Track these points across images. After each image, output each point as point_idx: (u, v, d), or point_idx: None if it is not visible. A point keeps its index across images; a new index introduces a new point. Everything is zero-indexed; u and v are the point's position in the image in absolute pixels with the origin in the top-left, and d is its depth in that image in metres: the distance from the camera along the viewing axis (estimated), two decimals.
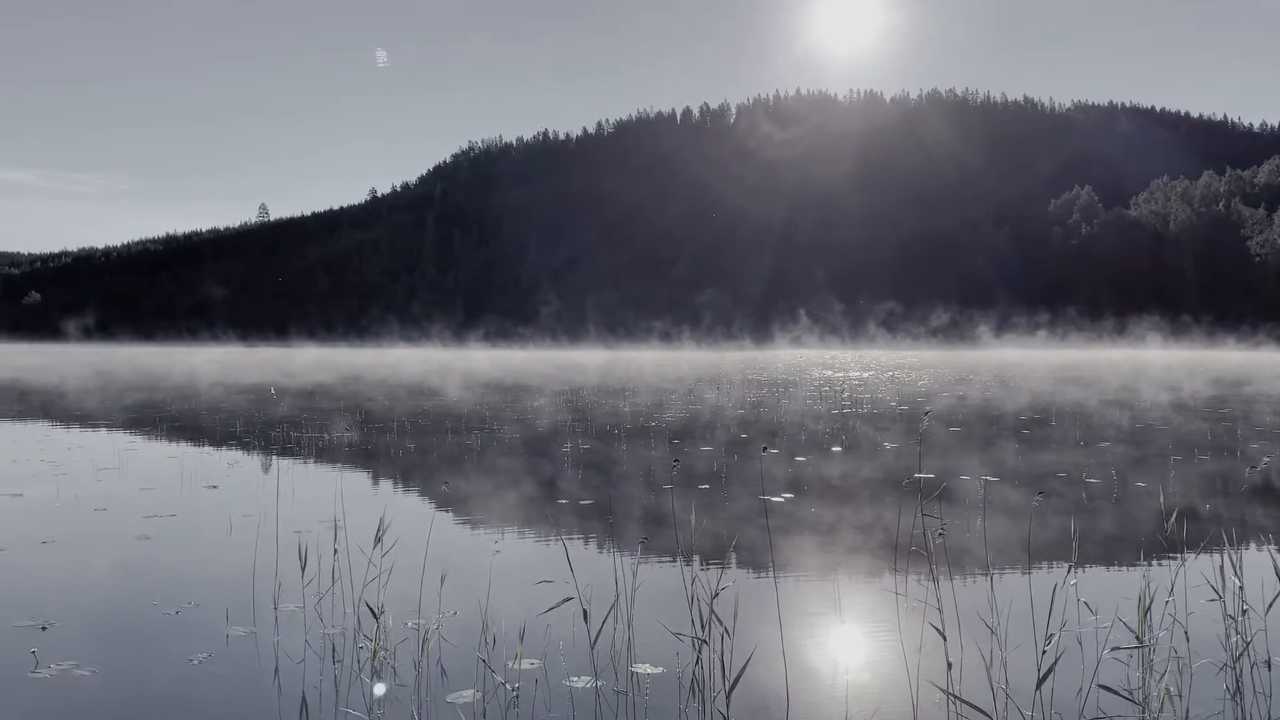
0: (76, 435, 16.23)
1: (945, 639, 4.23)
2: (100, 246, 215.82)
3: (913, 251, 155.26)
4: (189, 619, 5.46)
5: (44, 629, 5.22)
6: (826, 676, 4.62)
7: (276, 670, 4.68)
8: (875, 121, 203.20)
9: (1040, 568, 6.75)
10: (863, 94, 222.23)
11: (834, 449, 13.75)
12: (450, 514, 8.95)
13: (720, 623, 4.35)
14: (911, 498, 8.84)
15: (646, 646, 4.90)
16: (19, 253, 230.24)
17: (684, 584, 5.11)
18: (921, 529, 6.38)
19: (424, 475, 11.72)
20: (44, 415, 20.57)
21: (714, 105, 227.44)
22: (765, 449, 8.53)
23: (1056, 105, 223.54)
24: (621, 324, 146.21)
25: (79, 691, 4.37)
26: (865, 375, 43.09)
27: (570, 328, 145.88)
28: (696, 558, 6.80)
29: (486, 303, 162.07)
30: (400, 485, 11.14)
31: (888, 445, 14.22)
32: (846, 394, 28.03)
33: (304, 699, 4.34)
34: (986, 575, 6.26)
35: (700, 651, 4.37)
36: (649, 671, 4.63)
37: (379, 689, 4.42)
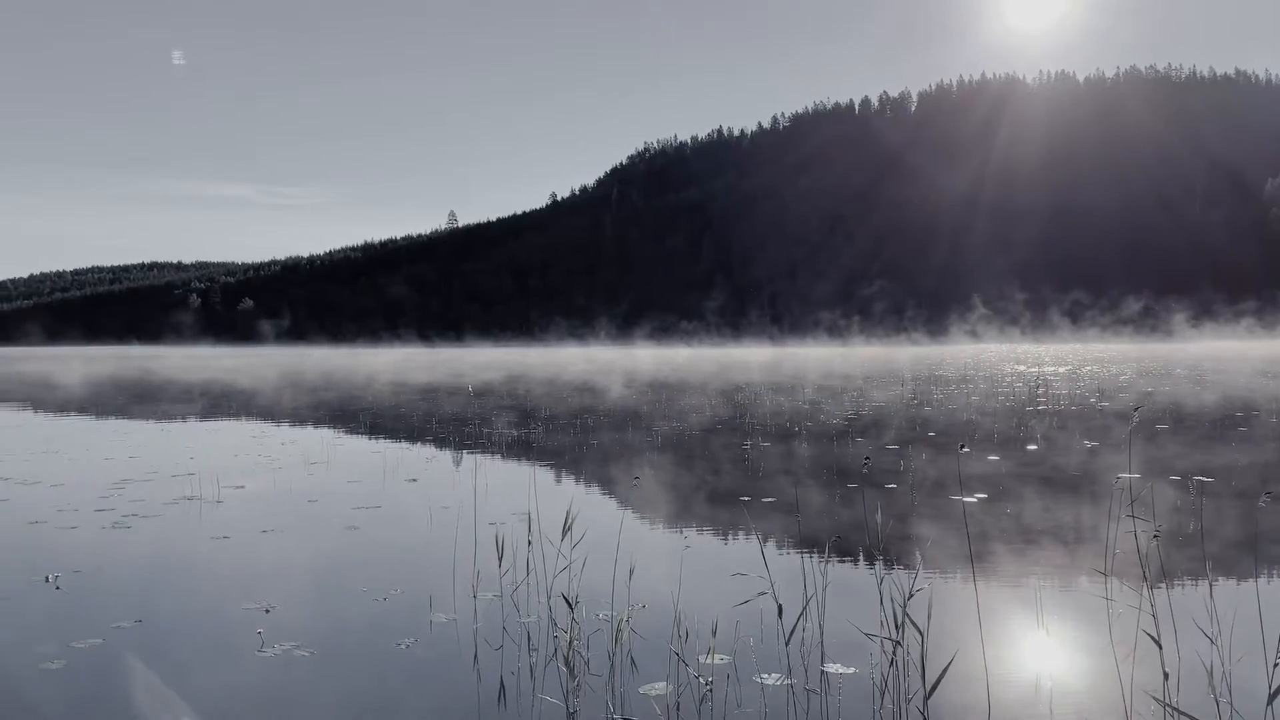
0: (287, 431, 17.38)
1: (1161, 647, 3.99)
2: (305, 255, 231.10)
3: (1103, 238, 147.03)
4: (395, 605, 5.76)
5: (267, 611, 5.62)
6: (1029, 683, 4.43)
7: (476, 657, 4.87)
8: (1066, 103, 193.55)
9: (1264, 574, 6.25)
10: (1053, 75, 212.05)
11: (1029, 447, 13.16)
12: (635, 508, 9.08)
13: (915, 624, 4.23)
14: (1118, 498, 8.36)
15: (837, 646, 4.83)
16: (234, 262, 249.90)
17: (875, 584, 5.01)
18: (1132, 531, 6.03)
19: (607, 470, 11.93)
20: (254, 414, 22.11)
21: (894, 94, 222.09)
22: (962, 446, 8.24)
23: (1273, 77, 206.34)
24: (788, 315, 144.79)
25: (300, 670, 4.68)
26: (1059, 370, 41.05)
27: (734, 321, 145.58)
28: (885, 558, 6.65)
29: (655, 300, 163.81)
30: (585, 480, 11.39)
31: (1087, 444, 13.50)
32: (1040, 389, 26.78)
33: (502, 684, 4.50)
34: (1204, 581, 5.84)
35: (894, 653, 4.27)
36: (841, 671, 4.56)
37: (574, 679, 4.53)
